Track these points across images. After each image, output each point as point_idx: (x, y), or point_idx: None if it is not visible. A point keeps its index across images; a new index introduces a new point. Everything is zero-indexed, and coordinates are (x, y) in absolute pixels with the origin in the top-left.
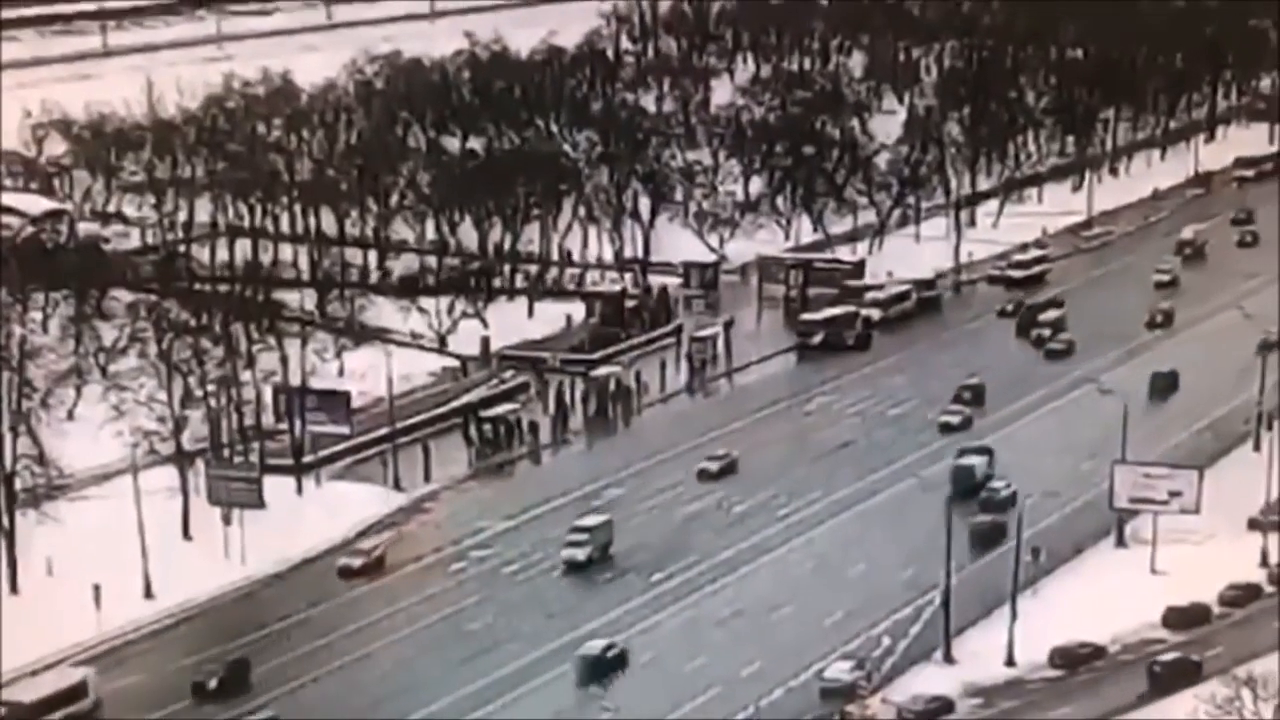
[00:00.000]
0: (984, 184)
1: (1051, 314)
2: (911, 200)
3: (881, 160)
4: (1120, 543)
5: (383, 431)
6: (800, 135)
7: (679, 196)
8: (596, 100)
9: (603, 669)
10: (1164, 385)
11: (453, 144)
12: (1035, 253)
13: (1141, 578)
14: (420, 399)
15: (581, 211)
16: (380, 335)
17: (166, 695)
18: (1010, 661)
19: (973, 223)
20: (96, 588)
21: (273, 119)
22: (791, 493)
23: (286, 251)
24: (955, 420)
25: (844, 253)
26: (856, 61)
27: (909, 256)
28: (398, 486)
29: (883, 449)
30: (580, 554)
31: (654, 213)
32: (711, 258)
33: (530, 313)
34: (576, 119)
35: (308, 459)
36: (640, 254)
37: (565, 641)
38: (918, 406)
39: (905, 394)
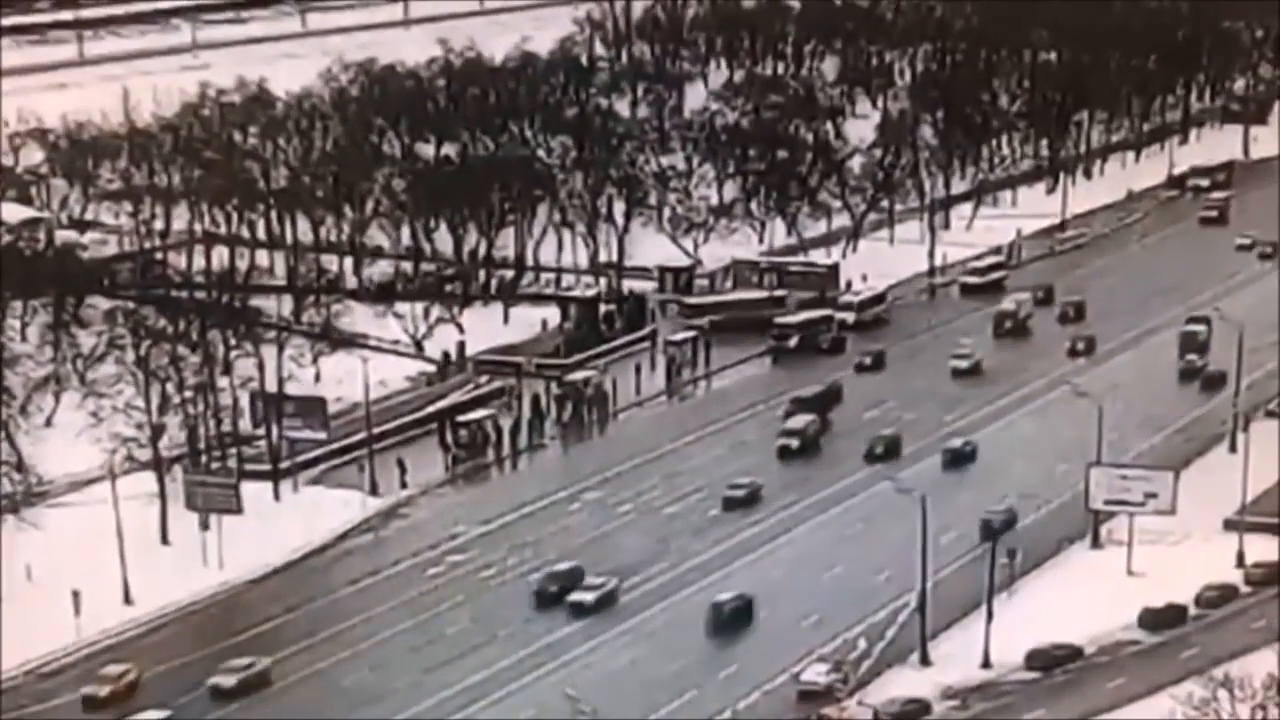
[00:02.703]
0: (958, 187)
1: (800, 420)
2: (885, 204)
3: (855, 164)
4: (1096, 544)
5: (359, 437)
6: (774, 139)
7: (653, 201)
8: (571, 106)
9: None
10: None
11: (427, 150)
12: (991, 259)
13: (1117, 579)
14: (396, 404)
15: (556, 217)
16: (357, 341)
17: (146, 700)
18: (986, 663)
19: (947, 226)
20: (76, 594)
21: (248, 127)
22: (767, 499)
23: (263, 258)
24: None
25: (818, 257)
26: (829, 65)
27: (883, 260)
28: (374, 491)
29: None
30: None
31: (628, 217)
32: (686, 262)
33: (505, 318)
34: (551, 125)
35: (285, 464)
36: (615, 259)
37: None
38: (891, 409)
39: (879, 396)
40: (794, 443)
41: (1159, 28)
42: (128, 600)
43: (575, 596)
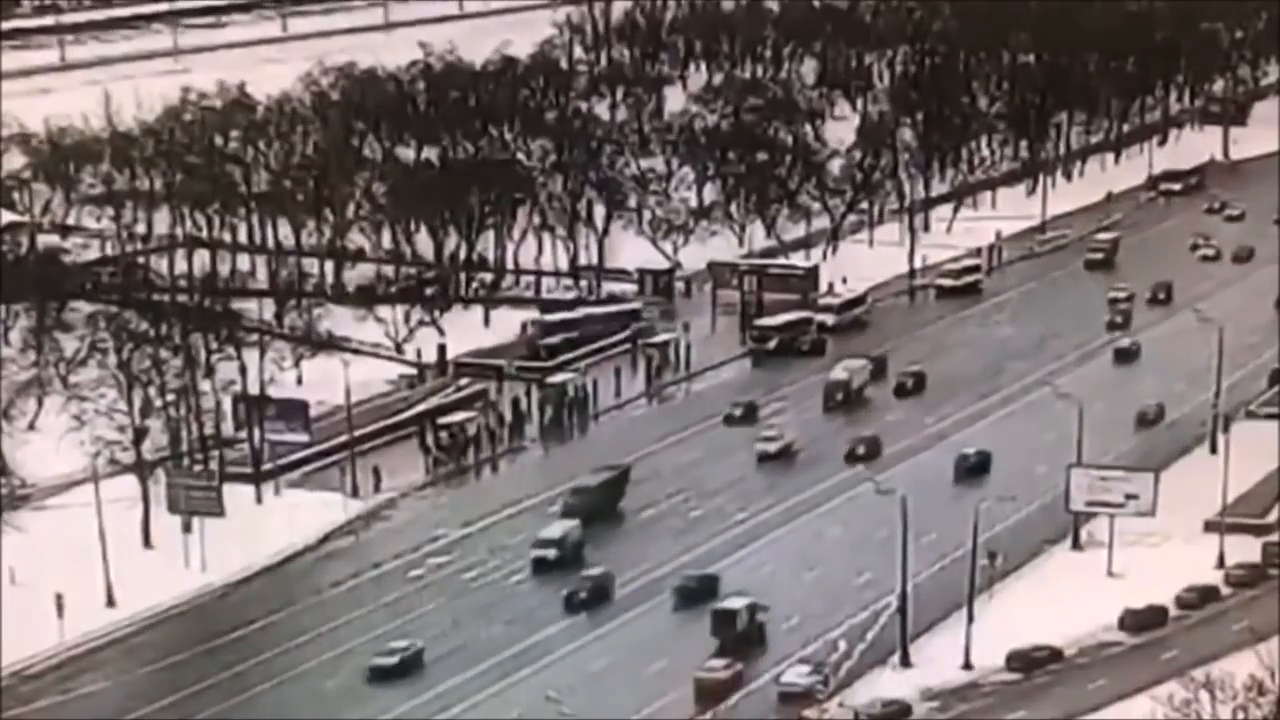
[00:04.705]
0: (937, 189)
1: (559, 528)
2: (865, 206)
3: (835, 166)
4: (1076, 545)
5: (341, 439)
6: (753, 142)
7: (633, 204)
8: (550, 109)
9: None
10: None
11: (408, 154)
12: (966, 262)
13: (1098, 580)
14: (378, 407)
15: (536, 220)
16: (338, 344)
17: (129, 702)
18: (967, 665)
19: (927, 228)
20: (59, 596)
21: (230, 131)
22: (741, 504)
23: (244, 262)
24: None
25: (798, 259)
26: (809, 68)
27: (863, 262)
28: (355, 494)
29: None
30: None
31: (608, 220)
32: (666, 264)
33: (486, 321)
34: (531, 128)
35: (267, 467)
36: (595, 262)
37: None
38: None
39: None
40: (550, 554)
41: (1137, 29)
42: (110, 603)
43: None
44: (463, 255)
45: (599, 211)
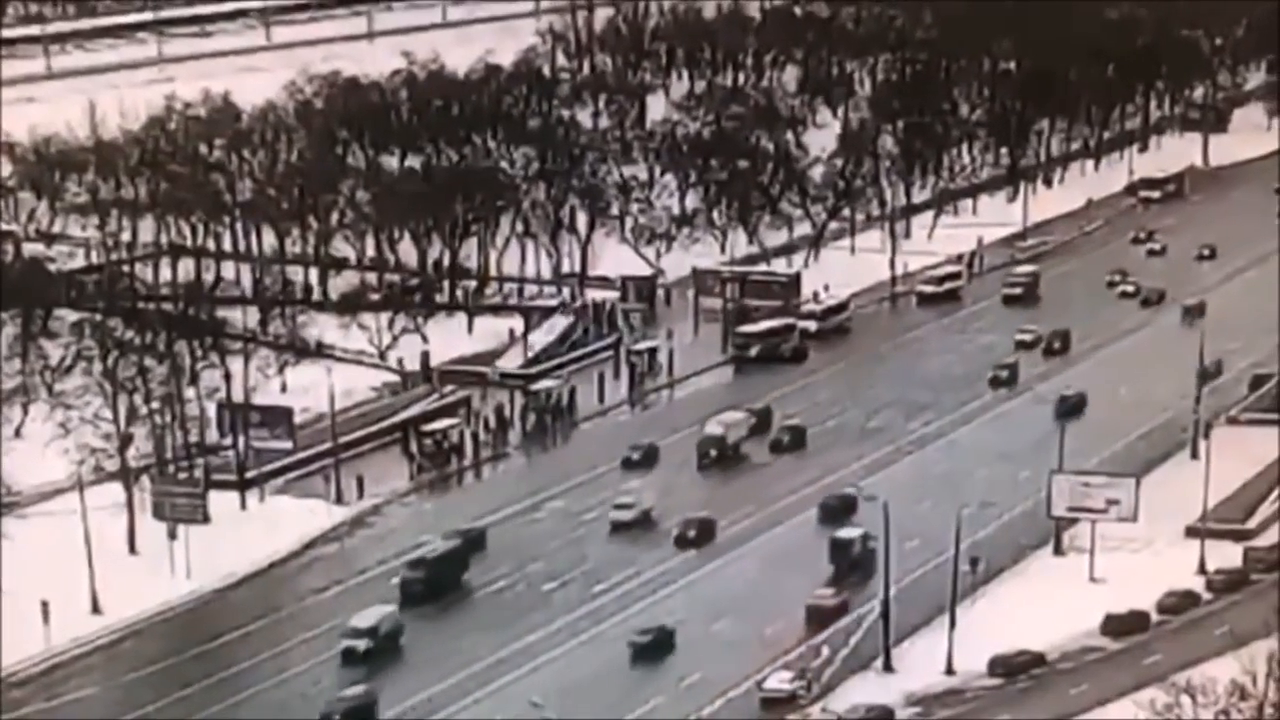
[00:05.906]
0: (919, 196)
1: (372, 615)
2: (847, 213)
3: (816, 173)
4: (1058, 551)
5: (325, 446)
6: (735, 149)
7: (615, 211)
8: (533, 117)
9: None
10: None
11: (392, 162)
12: (947, 269)
13: (1080, 585)
14: (362, 414)
15: (519, 227)
16: (322, 351)
17: (115, 708)
18: (950, 670)
19: (908, 235)
20: (45, 603)
21: (214, 139)
22: (722, 511)
23: (229, 270)
24: None
25: (780, 266)
26: (790, 76)
27: (844, 269)
28: (340, 501)
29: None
30: None
31: (591, 227)
32: (648, 271)
33: (470, 328)
34: (514, 136)
35: (251, 474)
36: (578, 268)
37: None
38: (853, 418)
39: (839, 406)
40: (360, 645)
41: (1118, 36)
42: (96, 610)
43: None
44: (446, 263)
45: (582, 219)
